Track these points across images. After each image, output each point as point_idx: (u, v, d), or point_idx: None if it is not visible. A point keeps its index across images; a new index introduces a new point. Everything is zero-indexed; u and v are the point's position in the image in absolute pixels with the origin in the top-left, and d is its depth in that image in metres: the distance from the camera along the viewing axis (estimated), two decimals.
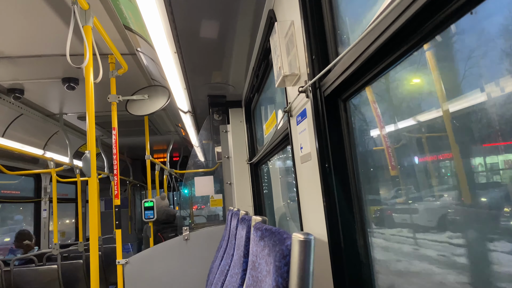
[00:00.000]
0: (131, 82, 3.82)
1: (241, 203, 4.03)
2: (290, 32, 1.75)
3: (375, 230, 1.37)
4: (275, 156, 3.31)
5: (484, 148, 0.90)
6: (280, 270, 0.93)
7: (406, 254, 1.25)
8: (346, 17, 1.47)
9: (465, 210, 0.98)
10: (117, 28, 2.88)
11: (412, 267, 1.22)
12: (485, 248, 0.90)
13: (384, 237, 1.37)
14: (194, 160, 5.51)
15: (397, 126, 1.32)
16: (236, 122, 4.27)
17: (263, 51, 2.65)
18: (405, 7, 0.87)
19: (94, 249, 2.38)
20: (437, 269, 1.09)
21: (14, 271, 4.36)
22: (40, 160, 5.80)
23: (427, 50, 1.04)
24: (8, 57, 3.20)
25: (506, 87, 0.81)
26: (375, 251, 1.35)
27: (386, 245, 1.35)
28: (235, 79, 3.67)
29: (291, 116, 1.92)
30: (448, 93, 1.00)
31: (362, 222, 1.37)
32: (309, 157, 1.60)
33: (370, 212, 1.39)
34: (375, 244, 1.36)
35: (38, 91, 4.16)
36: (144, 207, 4.39)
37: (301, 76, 1.69)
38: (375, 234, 1.37)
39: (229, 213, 2.90)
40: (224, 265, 2.17)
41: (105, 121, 5.19)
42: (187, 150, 8.88)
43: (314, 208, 1.58)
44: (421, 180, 1.19)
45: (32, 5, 2.48)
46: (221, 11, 2.39)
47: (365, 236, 1.36)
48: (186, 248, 3.65)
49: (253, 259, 1.32)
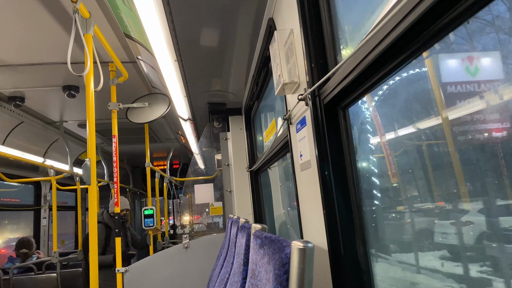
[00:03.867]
0: (131, 90, 3.83)
1: (241, 210, 4.02)
2: (289, 40, 1.76)
3: (375, 238, 1.37)
4: (275, 163, 3.31)
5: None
6: (280, 278, 0.93)
7: (408, 263, 1.24)
8: (345, 26, 1.48)
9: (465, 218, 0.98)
10: (117, 36, 2.89)
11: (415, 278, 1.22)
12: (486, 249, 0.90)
13: (385, 247, 1.36)
14: (194, 167, 5.50)
15: (397, 134, 1.32)
16: (236, 129, 4.27)
17: (262, 59, 2.66)
18: (403, 16, 0.88)
19: (94, 257, 2.37)
20: (439, 281, 1.08)
21: (14, 280, 4.34)
22: (40, 168, 5.80)
23: (426, 58, 1.04)
24: (9, 65, 3.21)
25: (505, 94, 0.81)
26: (375, 260, 1.34)
27: (387, 255, 1.34)
28: (235, 86, 3.68)
29: (290, 124, 1.92)
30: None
31: (362, 230, 1.37)
32: (308, 165, 1.60)
33: (370, 220, 1.39)
34: (375, 252, 1.35)
35: (39, 99, 4.17)
36: (144, 214, 4.38)
37: (300, 84, 1.70)
38: (375, 243, 1.36)
39: (229, 221, 2.89)
40: (224, 273, 2.16)
41: (105, 129, 5.18)
42: (187, 157, 8.87)
43: (314, 216, 1.58)
44: (421, 187, 1.19)
45: (33, 14, 2.50)
46: (221, 20, 2.40)
47: (365, 244, 1.35)
48: (186, 256, 3.63)
49: (252, 267, 1.31)
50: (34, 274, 4.49)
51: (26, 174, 5.59)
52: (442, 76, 1.02)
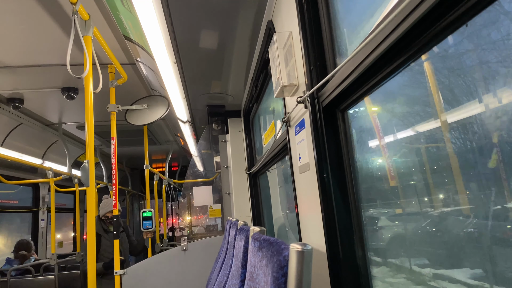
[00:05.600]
0: (130, 92, 3.83)
1: (239, 213, 4.01)
2: (288, 43, 1.77)
3: (373, 241, 1.37)
4: (273, 166, 3.31)
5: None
6: (278, 281, 0.93)
7: (405, 267, 1.24)
8: (344, 28, 1.48)
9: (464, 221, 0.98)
10: (117, 38, 2.89)
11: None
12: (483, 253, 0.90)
13: (382, 248, 1.36)
14: (193, 169, 5.50)
15: (396, 137, 1.32)
16: (235, 132, 4.27)
17: (262, 61, 2.66)
18: (402, 19, 0.88)
19: (92, 259, 2.37)
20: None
21: (11, 282, 4.32)
22: (39, 170, 5.79)
23: (425, 61, 1.05)
24: (8, 66, 3.21)
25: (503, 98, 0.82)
26: (373, 262, 1.34)
27: (384, 257, 1.34)
28: (234, 89, 3.68)
29: (289, 126, 1.92)
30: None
31: (360, 232, 1.37)
32: (307, 167, 1.60)
33: (368, 222, 1.38)
34: (373, 255, 1.35)
35: (38, 100, 4.17)
36: (142, 217, 4.37)
37: (299, 87, 1.70)
38: (373, 245, 1.36)
39: (228, 223, 2.89)
40: (222, 275, 2.15)
41: (104, 131, 5.18)
42: (186, 159, 8.87)
43: (312, 218, 1.58)
44: (420, 190, 1.19)
45: (32, 15, 2.50)
46: (221, 22, 2.41)
47: (363, 246, 1.35)
48: (184, 259, 3.62)
49: (251, 269, 1.31)
50: (32, 276, 4.47)
51: (25, 175, 5.58)
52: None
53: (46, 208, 5.98)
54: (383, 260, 1.33)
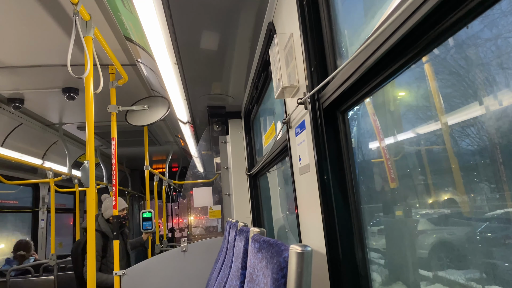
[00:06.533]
0: (131, 92, 3.83)
1: (239, 214, 4.01)
2: (289, 44, 1.77)
3: (374, 242, 1.37)
4: (274, 167, 3.31)
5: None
6: (278, 282, 0.93)
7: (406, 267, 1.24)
8: (344, 30, 1.48)
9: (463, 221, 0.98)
10: (117, 39, 2.90)
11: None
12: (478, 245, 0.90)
13: (382, 249, 1.36)
14: (193, 170, 5.50)
15: (396, 138, 1.32)
16: (235, 133, 4.27)
17: (262, 62, 2.66)
18: (403, 21, 0.88)
19: (92, 259, 2.36)
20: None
21: (11, 282, 4.32)
22: (39, 170, 5.79)
23: (426, 63, 1.05)
24: (8, 66, 3.22)
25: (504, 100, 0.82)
26: (373, 264, 1.34)
27: (383, 258, 1.34)
28: (235, 90, 3.68)
29: (290, 128, 1.92)
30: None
31: (360, 234, 1.37)
32: (307, 169, 1.60)
33: (368, 224, 1.38)
34: (373, 256, 1.35)
35: (38, 100, 4.17)
36: (142, 217, 4.37)
37: (300, 88, 1.70)
38: (373, 247, 1.36)
39: (228, 224, 2.88)
40: (222, 277, 2.15)
41: (105, 131, 5.18)
42: (186, 160, 8.87)
43: (312, 220, 1.58)
44: (420, 191, 1.19)
45: (33, 16, 2.50)
46: (221, 23, 2.41)
47: (363, 248, 1.35)
48: (184, 260, 3.62)
49: (250, 271, 1.30)
50: (31, 276, 4.47)
51: (25, 176, 5.58)
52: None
53: (46, 208, 5.98)
54: (383, 261, 1.33)
